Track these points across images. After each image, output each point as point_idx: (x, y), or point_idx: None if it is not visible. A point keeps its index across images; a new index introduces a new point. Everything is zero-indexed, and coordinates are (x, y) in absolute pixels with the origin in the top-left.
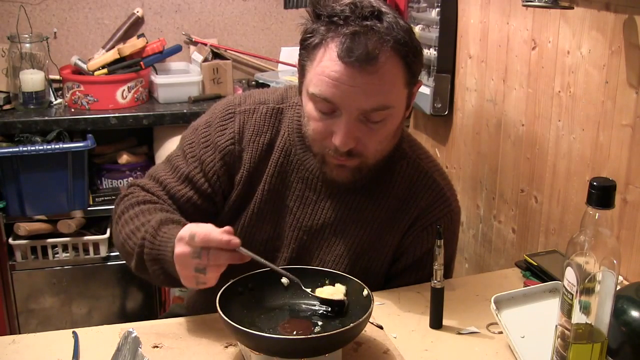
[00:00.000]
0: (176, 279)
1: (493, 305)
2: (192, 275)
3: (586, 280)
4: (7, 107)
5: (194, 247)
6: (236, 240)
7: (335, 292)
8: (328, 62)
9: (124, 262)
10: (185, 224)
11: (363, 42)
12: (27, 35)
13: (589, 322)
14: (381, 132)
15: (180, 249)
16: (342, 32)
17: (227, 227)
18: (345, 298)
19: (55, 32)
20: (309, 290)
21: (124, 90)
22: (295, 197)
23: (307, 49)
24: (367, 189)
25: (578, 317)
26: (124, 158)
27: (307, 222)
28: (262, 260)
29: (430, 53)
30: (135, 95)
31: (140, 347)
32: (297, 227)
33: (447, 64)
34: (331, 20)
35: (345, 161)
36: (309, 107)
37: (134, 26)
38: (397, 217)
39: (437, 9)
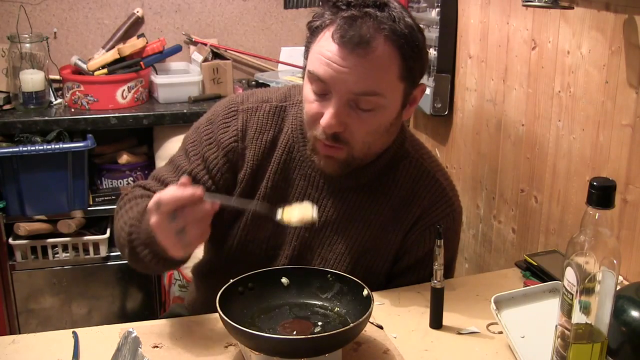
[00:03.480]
0: (168, 260)
1: (493, 305)
2: (174, 240)
3: (586, 280)
4: (7, 107)
5: (166, 213)
6: (199, 191)
7: (304, 210)
8: (324, 42)
9: (124, 261)
10: None
11: (358, 25)
12: (27, 35)
13: (589, 322)
14: (370, 122)
15: (153, 219)
16: (341, 16)
17: (182, 180)
18: (314, 217)
19: (55, 32)
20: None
21: (124, 90)
22: (298, 195)
23: (311, 31)
24: (369, 188)
25: (578, 317)
26: (124, 158)
27: None
28: (233, 202)
29: (430, 53)
30: (135, 95)
31: (140, 347)
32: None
33: (447, 64)
34: (335, 5)
35: (332, 148)
36: (306, 89)
37: (134, 26)
38: (399, 216)
39: (437, 9)
